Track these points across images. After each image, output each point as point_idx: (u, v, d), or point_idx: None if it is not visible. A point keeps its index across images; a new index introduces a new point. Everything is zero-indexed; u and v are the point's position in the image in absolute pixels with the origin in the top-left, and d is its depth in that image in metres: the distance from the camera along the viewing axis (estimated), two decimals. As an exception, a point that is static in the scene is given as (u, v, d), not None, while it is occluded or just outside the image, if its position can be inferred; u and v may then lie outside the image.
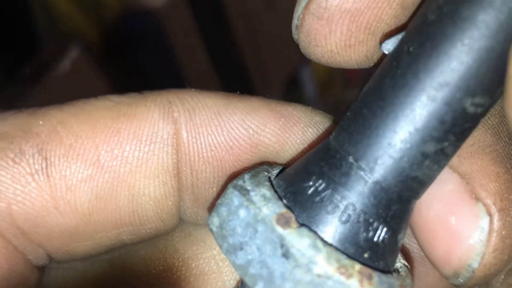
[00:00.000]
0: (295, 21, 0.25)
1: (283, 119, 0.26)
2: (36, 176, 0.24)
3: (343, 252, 0.21)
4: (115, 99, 0.26)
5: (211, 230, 0.24)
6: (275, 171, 0.25)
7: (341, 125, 0.23)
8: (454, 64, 0.20)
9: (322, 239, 0.21)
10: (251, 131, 0.26)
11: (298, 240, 0.21)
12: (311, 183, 0.22)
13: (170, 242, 0.30)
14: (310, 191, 0.22)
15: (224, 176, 0.27)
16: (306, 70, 1.20)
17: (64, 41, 0.98)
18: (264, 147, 0.26)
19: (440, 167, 0.22)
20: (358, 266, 0.21)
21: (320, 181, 0.22)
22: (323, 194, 0.22)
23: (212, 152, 0.26)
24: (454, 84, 0.20)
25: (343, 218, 0.22)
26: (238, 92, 0.27)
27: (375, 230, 0.22)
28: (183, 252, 0.30)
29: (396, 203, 0.22)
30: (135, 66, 1.11)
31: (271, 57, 1.11)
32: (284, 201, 0.22)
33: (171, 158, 0.26)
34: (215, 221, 0.23)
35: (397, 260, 0.24)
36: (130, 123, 0.25)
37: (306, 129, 0.26)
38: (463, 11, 0.19)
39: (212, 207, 0.26)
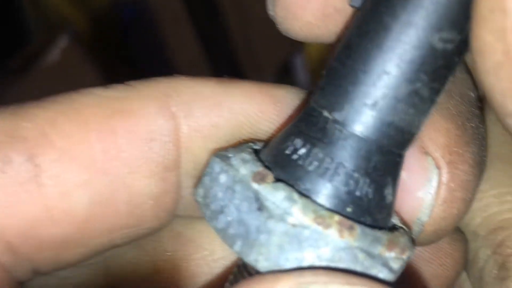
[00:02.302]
0: None
1: (279, 103, 0.26)
2: (27, 185, 0.22)
3: (321, 205, 0.21)
4: (103, 93, 0.24)
5: (197, 201, 0.23)
6: (259, 143, 0.25)
7: (317, 84, 0.22)
8: (416, 1, 0.19)
9: (298, 192, 0.21)
10: (252, 120, 0.25)
11: (273, 194, 0.21)
12: (289, 143, 0.22)
13: (159, 244, 0.28)
14: (288, 151, 0.22)
15: None
16: (298, 58, 1.20)
17: (54, 30, 0.97)
18: (262, 134, 0.26)
19: (418, 112, 0.21)
20: (337, 217, 0.20)
21: (298, 140, 0.22)
22: (301, 151, 0.21)
23: (216, 144, 0.25)
24: (418, 21, 0.19)
25: (321, 171, 0.21)
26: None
27: (356, 183, 0.21)
28: (173, 253, 0.28)
29: (376, 154, 0.21)
30: (125, 54, 1.10)
31: (263, 45, 1.10)
32: (265, 163, 0.22)
33: (171, 155, 0.25)
34: (200, 192, 0.23)
35: (395, 223, 0.23)
36: (126, 121, 0.24)
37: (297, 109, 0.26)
38: None
39: None
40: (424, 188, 0.24)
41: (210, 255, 0.29)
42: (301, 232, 0.20)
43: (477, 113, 0.27)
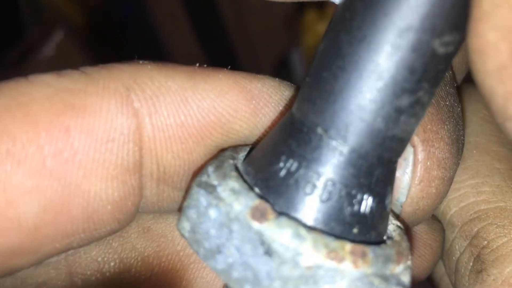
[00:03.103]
0: None
1: (254, 101, 0.23)
2: None
3: (330, 234, 0.19)
4: (55, 83, 0.21)
5: (183, 235, 0.21)
6: (241, 155, 0.23)
7: (302, 94, 0.20)
8: (413, 4, 0.17)
9: (305, 225, 0.19)
10: (223, 120, 0.23)
11: (278, 233, 0.19)
12: (281, 164, 0.20)
13: (126, 240, 0.26)
14: (282, 174, 0.20)
15: (194, 167, 0.24)
16: (296, 52, 1.19)
17: (49, 24, 0.96)
18: (235, 134, 0.24)
19: (418, 119, 0.20)
20: (348, 246, 0.19)
21: (291, 161, 0.20)
22: (296, 175, 0.20)
23: (182, 145, 0.23)
24: (418, 26, 0.17)
25: (323, 197, 0.20)
26: (202, 65, 0.24)
27: (360, 202, 0.20)
28: (142, 250, 0.26)
29: (377, 167, 0.20)
30: (121, 49, 1.09)
31: (261, 39, 1.10)
32: (256, 190, 0.20)
33: (132, 156, 0.22)
34: (185, 225, 0.21)
35: (390, 222, 0.22)
36: (81, 118, 0.21)
37: (277, 107, 0.24)
38: None
39: (180, 208, 0.23)
40: (400, 168, 0.24)
41: (183, 250, 0.27)
42: (316, 272, 0.19)
43: (452, 92, 0.26)
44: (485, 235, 0.27)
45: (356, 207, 0.20)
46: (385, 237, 0.22)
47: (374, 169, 0.20)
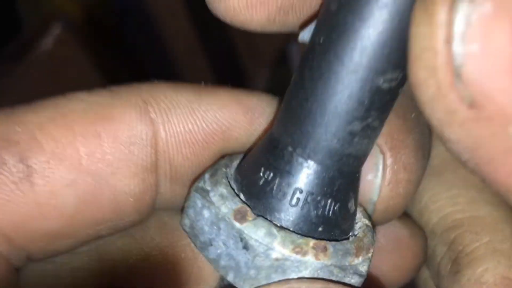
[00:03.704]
0: None
1: (250, 113, 0.28)
2: (20, 184, 0.25)
3: (297, 233, 0.24)
4: (87, 98, 0.27)
5: (184, 230, 0.26)
6: (234, 163, 0.27)
7: (278, 117, 0.25)
8: (360, 50, 0.21)
9: (276, 226, 0.24)
10: (223, 128, 0.28)
11: (254, 232, 0.23)
12: (261, 174, 0.25)
13: (146, 232, 0.30)
14: (261, 183, 0.25)
15: (200, 168, 0.29)
16: (295, 46, 1.19)
17: (47, 19, 0.95)
18: (234, 141, 0.28)
19: (371, 140, 0.24)
20: (312, 242, 0.24)
21: (268, 172, 0.24)
22: (272, 184, 0.24)
23: (190, 149, 0.28)
24: (364, 68, 0.21)
25: (293, 202, 0.24)
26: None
27: (324, 206, 0.24)
28: (160, 241, 0.31)
29: (338, 178, 0.24)
30: (120, 44, 1.09)
31: (260, 34, 1.09)
32: (241, 195, 0.25)
33: (149, 157, 0.27)
34: (186, 222, 0.26)
35: (358, 220, 0.27)
36: (109, 126, 0.26)
37: (269, 118, 0.29)
38: (359, 1, 0.20)
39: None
40: (372, 171, 0.28)
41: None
42: (284, 263, 0.23)
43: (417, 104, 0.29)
44: (461, 241, 0.30)
45: (321, 211, 0.24)
46: (350, 234, 0.26)
47: (335, 180, 0.24)
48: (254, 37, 1.12)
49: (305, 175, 0.24)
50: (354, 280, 0.24)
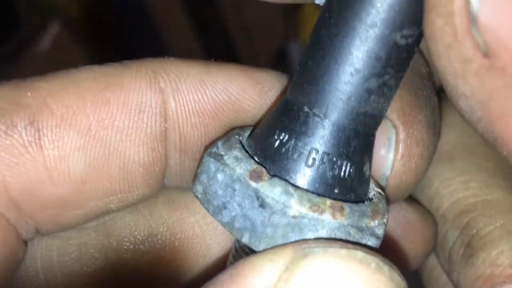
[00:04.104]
0: None
1: (259, 86, 0.28)
2: (29, 147, 0.25)
3: (313, 193, 0.23)
4: (98, 69, 0.27)
5: (196, 197, 0.26)
6: (246, 133, 0.27)
7: (294, 80, 0.25)
8: (378, 5, 0.21)
9: (293, 185, 0.23)
10: (233, 98, 0.28)
11: (270, 190, 0.23)
12: (275, 137, 0.24)
13: (154, 209, 0.31)
14: (276, 145, 0.24)
15: (210, 140, 0.28)
16: (294, 44, 1.18)
17: (45, 16, 0.95)
18: (244, 113, 0.28)
19: (387, 99, 0.24)
20: (328, 202, 0.23)
21: (283, 134, 0.24)
22: (287, 145, 0.24)
23: (199, 118, 0.28)
24: (381, 23, 0.22)
25: (309, 162, 0.24)
26: (212, 59, 0.29)
27: (340, 167, 0.24)
28: (168, 218, 0.31)
29: (354, 139, 0.24)
30: (118, 41, 1.09)
31: (259, 32, 1.09)
32: (255, 158, 0.25)
33: (159, 126, 0.27)
34: (198, 188, 0.25)
35: (371, 190, 0.26)
36: (119, 93, 0.26)
37: (278, 93, 0.29)
38: None
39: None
40: (385, 146, 0.28)
41: (202, 219, 0.31)
42: (301, 221, 0.23)
43: (428, 85, 0.30)
44: (474, 224, 0.30)
45: (336, 172, 0.24)
46: (366, 199, 0.26)
47: (352, 140, 0.24)
48: (253, 36, 1.11)
49: (321, 135, 0.24)
50: (371, 242, 0.24)
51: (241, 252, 0.26)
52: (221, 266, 0.30)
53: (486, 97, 0.18)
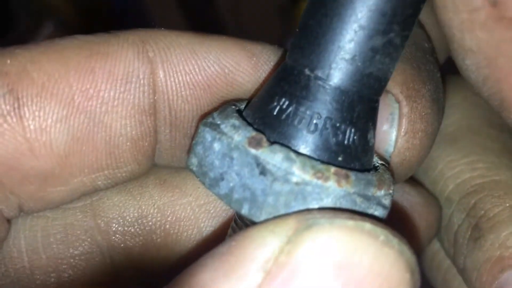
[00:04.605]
0: None
1: (255, 58, 0.27)
2: (8, 117, 0.23)
3: (317, 159, 0.22)
4: (83, 37, 0.25)
5: (191, 171, 0.24)
6: (242, 105, 0.26)
7: (293, 43, 0.23)
8: None
9: (295, 151, 0.22)
10: (226, 70, 0.26)
11: (271, 157, 0.22)
12: (275, 103, 0.23)
13: (145, 189, 0.29)
14: (276, 111, 0.23)
15: (201, 113, 0.27)
16: (290, 42, 1.18)
17: (39, 18, 0.94)
18: (238, 86, 0.27)
19: (392, 60, 0.23)
20: (333, 169, 0.22)
21: (283, 99, 0.23)
22: (288, 111, 0.23)
23: (191, 91, 0.26)
24: None
25: (311, 128, 0.22)
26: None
27: (344, 133, 0.23)
28: (158, 198, 0.29)
29: (358, 103, 0.23)
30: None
31: (255, 31, 1.08)
32: (254, 126, 0.23)
33: (147, 98, 0.26)
34: (193, 161, 0.24)
35: (375, 161, 0.25)
36: (104, 62, 0.25)
37: (274, 67, 0.27)
38: None
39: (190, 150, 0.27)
40: (388, 121, 0.27)
41: (195, 201, 0.30)
42: (304, 188, 0.21)
43: (431, 60, 0.29)
44: (482, 206, 0.29)
45: (340, 138, 0.23)
46: (370, 169, 0.24)
47: (355, 105, 0.23)
48: (249, 34, 1.11)
49: (323, 99, 0.22)
50: (378, 212, 0.23)
51: (241, 225, 0.25)
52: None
53: (494, 51, 0.17)
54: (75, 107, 0.24)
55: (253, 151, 0.22)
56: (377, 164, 0.25)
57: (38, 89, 0.24)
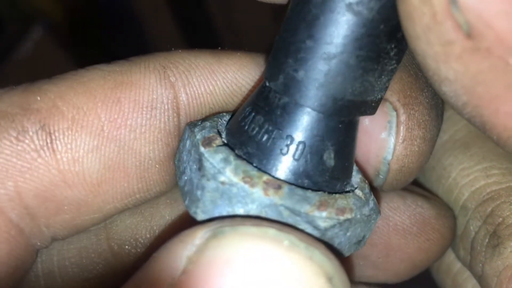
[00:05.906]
0: None
1: None
2: (41, 151, 0.24)
3: (257, 167, 0.23)
4: (106, 68, 0.26)
5: (174, 163, 0.26)
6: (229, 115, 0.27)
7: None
8: None
9: (238, 156, 0.23)
10: (243, 89, 0.28)
11: (213, 156, 0.23)
12: (242, 111, 0.24)
13: (156, 210, 0.30)
14: (240, 118, 0.24)
15: None
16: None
17: (26, 21, 0.93)
18: None
19: (347, 78, 0.22)
20: (266, 178, 0.22)
21: (248, 109, 0.24)
22: (247, 119, 0.24)
23: (211, 110, 0.28)
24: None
25: (260, 136, 0.23)
26: (219, 48, 0.29)
27: (288, 146, 0.23)
28: (170, 218, 0.30)
29: (311, 120, 0.22)
30: (102, 46, 1.07)
31: (248, 34, 1.08)
32: (220, 130, 0.25)
33: (172, 121, 0.27)
34: (177, 156, 0.26)
35: (364, 187, 0.25)
36: (129, 91, 0.26)
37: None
38: None
39: None
40: (385, 129, 0.27)
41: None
42: (230, 189, 0.22)
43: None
44: (500, 213, 0.29)
45: (284, 151, 0.23)
46: (327, 191, 0.23)
47: (311, 121, 0.22)
48: (242, 37, 1.10)
49: (276, 110, 0.23)
50: (309, 231, 0.22)
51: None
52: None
53: (472, 81, 0.17)
54: (105, 137, 0.25)
55: (202, 149, 0.23)
56: (363, 192, 0.25)
57: (69, 122, 0.25)
